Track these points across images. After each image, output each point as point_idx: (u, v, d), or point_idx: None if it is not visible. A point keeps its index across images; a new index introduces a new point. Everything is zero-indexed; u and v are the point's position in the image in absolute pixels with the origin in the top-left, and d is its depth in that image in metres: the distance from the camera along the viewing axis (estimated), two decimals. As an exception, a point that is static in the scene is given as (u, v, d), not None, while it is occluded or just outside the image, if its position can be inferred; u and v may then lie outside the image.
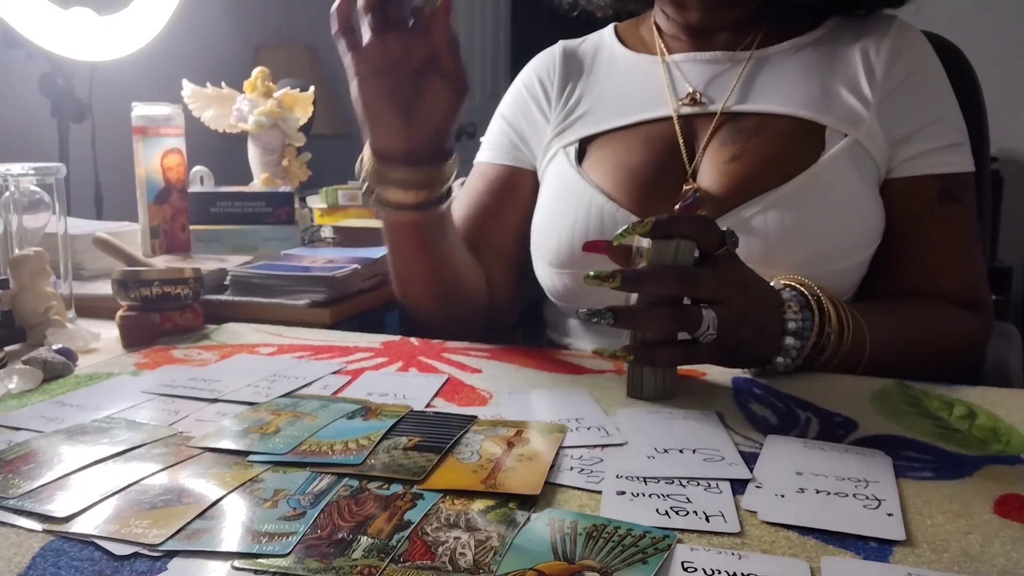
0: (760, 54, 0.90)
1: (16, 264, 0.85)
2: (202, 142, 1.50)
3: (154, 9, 1.51)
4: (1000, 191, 2.77)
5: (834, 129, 0.83)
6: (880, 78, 0.84)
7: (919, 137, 0.83)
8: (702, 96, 0.89)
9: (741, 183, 0.81)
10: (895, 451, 0.56)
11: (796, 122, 0.84)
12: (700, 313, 0.64)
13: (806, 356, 0.70)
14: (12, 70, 2.11)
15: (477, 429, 0.59)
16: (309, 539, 0.44)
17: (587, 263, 0.82)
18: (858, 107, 0.83)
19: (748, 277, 0.68)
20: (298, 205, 1.43)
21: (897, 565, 0.42)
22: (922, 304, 0.81)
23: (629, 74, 0.95)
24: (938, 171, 0.83)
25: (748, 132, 0.84)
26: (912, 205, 0.83)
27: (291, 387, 0.69)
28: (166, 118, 1.20)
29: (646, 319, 0.65)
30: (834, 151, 0.81)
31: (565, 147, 0.92)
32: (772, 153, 0.82)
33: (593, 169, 0.89)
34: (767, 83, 0.87)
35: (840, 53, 0.87)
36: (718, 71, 0.90)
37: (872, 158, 0.83)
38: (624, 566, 0.41)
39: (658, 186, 0.85)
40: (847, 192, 0.81)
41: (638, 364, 0.67)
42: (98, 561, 0.42)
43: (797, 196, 0.79)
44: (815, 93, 0.85)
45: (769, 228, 0.79)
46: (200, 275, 0.91)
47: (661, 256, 0.64)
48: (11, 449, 0.56)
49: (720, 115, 0.86)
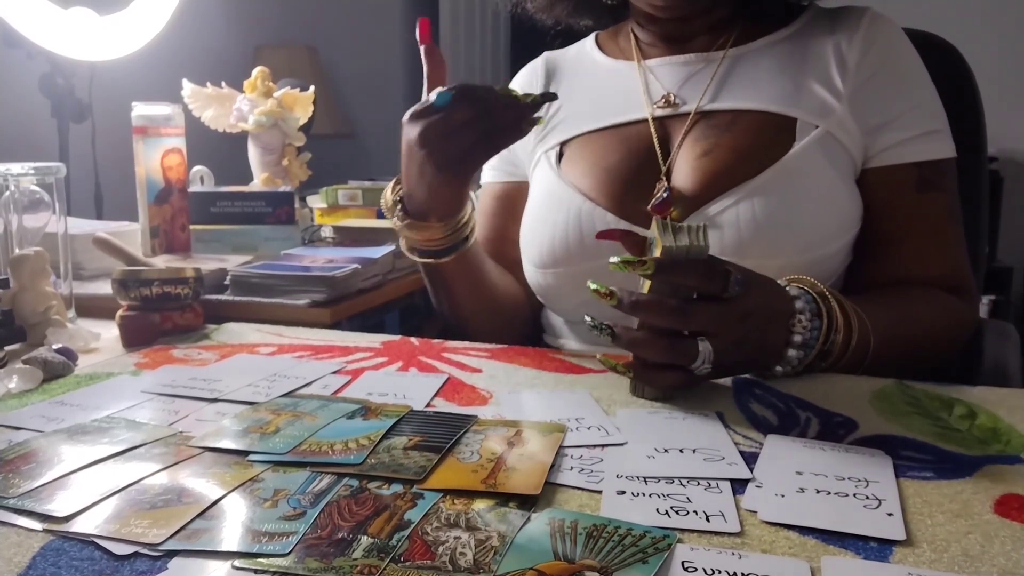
0: (734, 53, 0.91)
1: (16, 264, 0.85)
2: (202, 142, 1.50)
3: (154, 9, 1.51)
4: (1000, 191, 2.77)
5: (805, 121, 0.83)
6: (852, 69, 0.85)
7: (894, 126, 0.84)
8: (676, 97, 0.90)
9: (713, 178, 0.82)
10: (895, 451, 0.56)
11: (768, 116, 0.85)
12: (696, 347, 0.63)
13: (808, 363, 0.70)
14: (12, 70, 2.11)
15: (477, 429, 0.59)
16: (309, 539, 0.44)
17: (570, 262, 0.86)
18: (829, 99, 0.84)
19: (752, 304, 0.66)
20: (298, 205, 1.43)
21: (897, 565, 0.42)
22: (913, 294, 0.82)
23: (607, 79, 0.97)
24: (915, 159, 0.84)
25: (720, 128, 0.85)
26: (891, 194, 0.84)
27: (291, 387, 0.69)
28: (166, 118, 1.20)
29: (643, 347, 0.66)
30: (804, 142, 0.82)
31: (547, 152, 0.94)
32: (743, 147, 0.83)
33: (572, 170, 0.91)
34: (740, 81, 0.88)
35: (813, 47, 0.88)
36: (692, 72, 0.91)
37: (845, 148, 0.83)
38: (624, 566, 0.41)
39: (634, 186, 0.86)
40: (818, 182, 0.81)
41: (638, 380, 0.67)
42: (98, 561, 0.42)
43: (767, 188, 0.80)
44: (787, 88, 0.86)
45: (740, 220, 0.80)
46: (200, 275, 0.91)
47: (672, 255, 0.64)
48: (11, 449, 0.56)
49: (694, 114, 0.88)
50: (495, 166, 1.03)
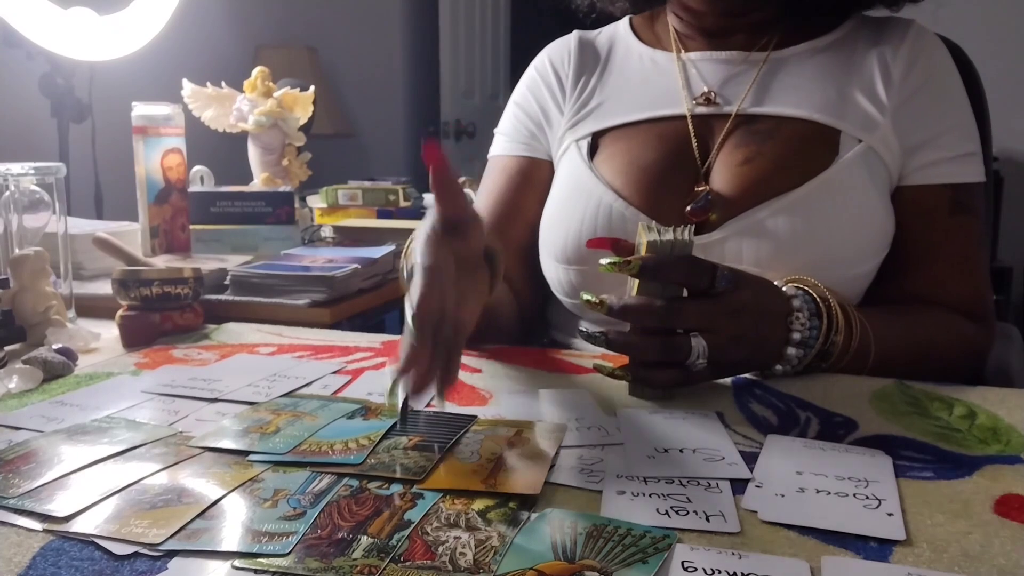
0: (776, 55, 0.89)
1: (16, 264, 0.85)
2: (202, 142, 1.50)
3: (154, 9, 1.51)
4: (1000, 191, 2.77)
5: (849, 134, 0.82)
6: (897, 83, 0.84)
7: (933, 145, 0.83)
8: (717, 96, 0.88)
9: (753, 186, 0.81)
10: (895, 451, 0.56)
11: (811, 126, 0.83)
12: (689, 343, 0.64)
13: (809, 363, 0.70)
14: (12, 70, 2.11)
15: (477, 429, 0.59)
16: (309, 539, 0.44)
17: (594, 260, 0.81)
18: (874, 112, 0.83)
19: (743, 300, 0.66)
20: (298, 205, 1.43)
21: (897, 565, 0.42)
22: (926, 312, 0.81)
23: (644, 69, 0.94)
24: (950, 180, 0.82)
25: (762, 135, 0.84)
26: (922, 213, 0.83)
27: (291, 387, 0.69)
28: (166, 118, 1.20)
29: (637, 348, 0.66)
30: (848, 156, 0.81)
31: (577, 141, 0.91)
32: (785, 157, 0.82)
33: (604, 164, 0.88)
34: (783, 86, 0.87)
35: (857, 57, 0.87)
36: (733, 71, 0.89)
37: (885, 165, 0.82)
38: (624, 566, 0.41)
39: (669, 185, 0.84)
40: (859, 198, 0.80)
41: (637, 382, 0.67)
42: (98, 561, 0.42)
43: (809, 201, 0.79)
44: (831, 97, 0.84)
45: (780, 232, 0.78)
46: (200, 275, 0.91)
47: (657, 251, 0.64)
48: (11, 449, 0.56)
49: (735, 117, 0.86)
50: (511, 137, 0.97)
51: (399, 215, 1.48)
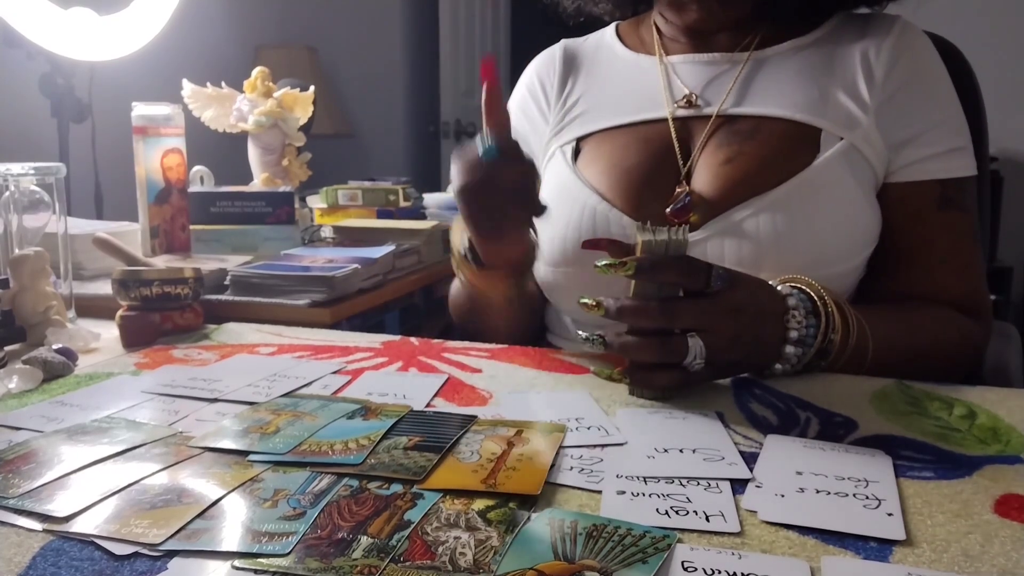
0: (759, 55, 0.89)
1: (16, 264, 0.85)
2: (202, 142, 1.50)
3: (154, 9, 1.51)
4: (1000, 191, 2.78)
5: (830, 132, 0.82)
6: (880, 81, 0.84)
7: (919, 142, 0.83)
8: (698, 98, 0.88)
9: (734, 186, 0.81)
10: (895, 451, 0.56)
11: (792, 125, 0.83)
12: (686, 343, 0.64)
13: (808, 361, 0.70)
14: (12, 70, 2.11)
15: (477, 429, 0.59)
16: (309, 539, 0.44)
17: (580, 262, 0.83)
18: (855, 110, 0.83)
19: (739, 299, 0.66)
20: (298, 205, 1.43)
21: (897, 565, 0.42)
22: (923, 309, 0.81)
23: (628, 74, 0.95)
24: (939, 176, 0.82)
25: (743, 135, 0.84)
26: (912, 210, 0.83)
27: (291, 387, 0.69)
28: (166, 118, 1.20)
29: (634, 350, 0.66)
30: (828, 155, 0.81)
31: (562, 146, 0.93)
32: (766, 156, 0.82)
33: (588, 168, 0.89)
34: (764, 85, 0.87)
35: (840, 54, 0.87)
36: (716, 72, 0.90)
37: (868, 162, 0.82)
38: (624, 566, 0.41)
39: (652, 187, 0.85)
40: (841, 196, 0.80)
41: (635, 384, 0.68)
42: (98, 561, 0.42)
43: (789, 199, 0.79)
44: (813, 96, 0.84)
45: (761, 231, 0.78)
46: (200, 275, 0.91)
47: (652, 251, 0.64)
48: (11, 449, 0.56)
49: (716, 117, 0.86)
50: None
51: (399, 215, 1.47)
